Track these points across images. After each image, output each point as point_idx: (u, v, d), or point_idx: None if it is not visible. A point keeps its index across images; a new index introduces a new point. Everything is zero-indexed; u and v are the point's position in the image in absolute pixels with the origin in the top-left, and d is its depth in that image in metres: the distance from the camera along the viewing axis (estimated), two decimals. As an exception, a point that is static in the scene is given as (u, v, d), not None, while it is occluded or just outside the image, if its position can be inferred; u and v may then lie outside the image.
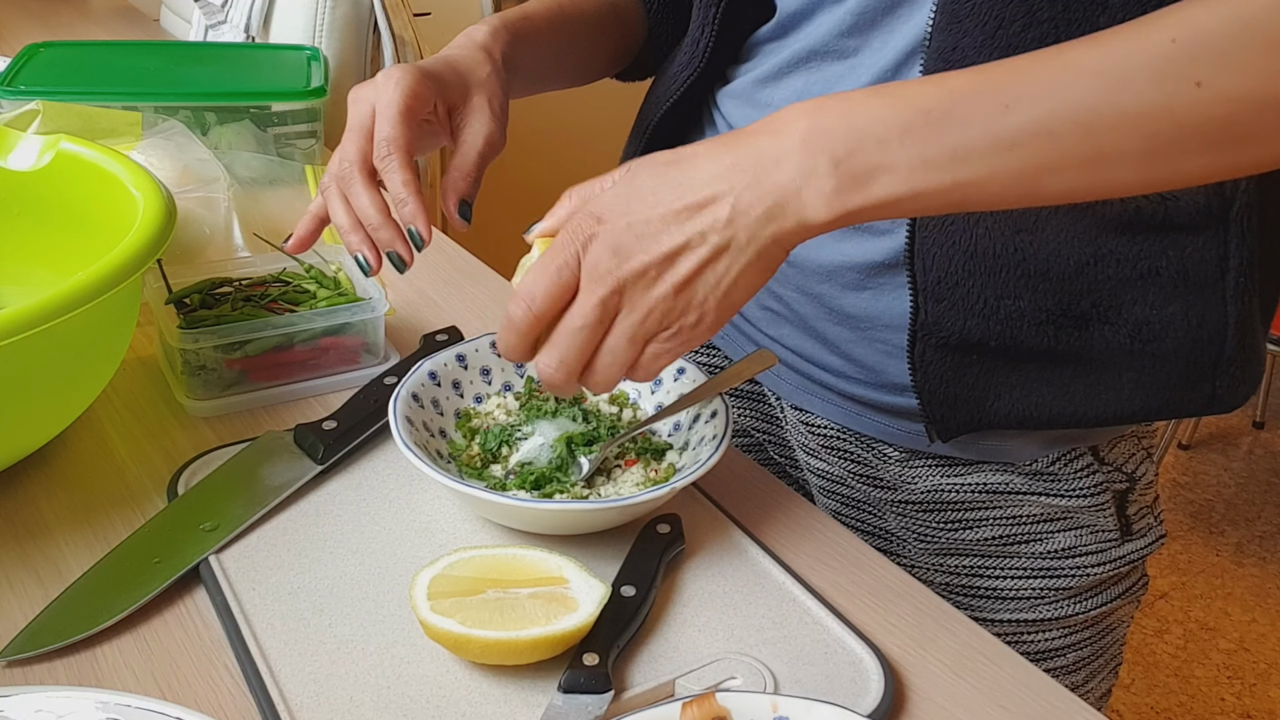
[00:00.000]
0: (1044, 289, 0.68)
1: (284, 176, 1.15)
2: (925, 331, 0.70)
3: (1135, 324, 0.68)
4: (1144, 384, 0.70)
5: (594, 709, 0.56)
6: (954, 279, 0.68)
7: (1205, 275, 0.67)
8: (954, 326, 0.70)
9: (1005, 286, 0.68)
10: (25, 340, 0.61)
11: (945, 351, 0.71)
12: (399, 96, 0.70)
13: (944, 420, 0.73)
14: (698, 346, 0.62)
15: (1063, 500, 0.76)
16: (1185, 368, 0.69)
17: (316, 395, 0.82)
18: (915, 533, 0.81)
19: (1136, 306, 0.68)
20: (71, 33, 1.63)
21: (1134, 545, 0.79)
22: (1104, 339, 0.69)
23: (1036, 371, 0.71)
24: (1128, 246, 0.67)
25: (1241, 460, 2.79)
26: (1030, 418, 0.71)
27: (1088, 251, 0.67)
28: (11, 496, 0.71)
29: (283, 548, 0.67)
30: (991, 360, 0.71)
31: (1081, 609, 0.79)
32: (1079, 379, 0.70)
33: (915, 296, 0.70)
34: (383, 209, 0.70)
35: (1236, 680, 2.12)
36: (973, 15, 0.63)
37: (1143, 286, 0.68)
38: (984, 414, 0.72)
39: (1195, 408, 0.70)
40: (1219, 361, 0.69)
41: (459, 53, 0.77)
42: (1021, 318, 0.69)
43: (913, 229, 0.69)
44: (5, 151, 0.84)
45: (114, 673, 0.59)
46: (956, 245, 0.68)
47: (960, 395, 0.72)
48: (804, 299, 0.77)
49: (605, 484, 0.72)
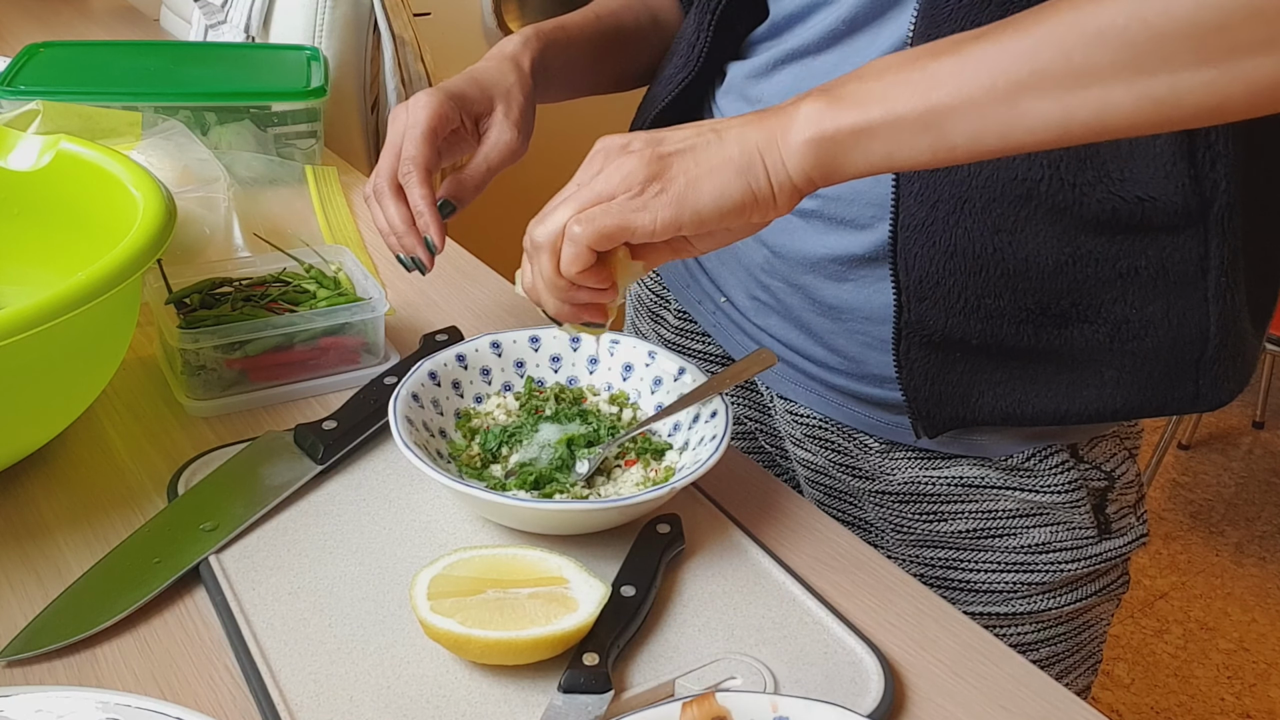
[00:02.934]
0: (1024, 288, 0.69)
1: (284, 176, 1.15)
2: (909, 329, 0.71)
3: (1115, 323, 0.69)
4: (1125, 382, 0.70)
5: (594, 709, 0.56)
6: (935, 278, 0.69)
7: (1185, 275, 0.67)
8: (937, 324, 0.70)
9: (986, 285, 0.69)
10: (25, 340, 0.61)
11: (929, 349, 0.72)
12: (423, 119, 0.77)
13: (930, 416, 0.73)
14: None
15: (1038, 496, 0.77)
16: (1167, 366, 0.69)
17: (316, 395, 0.82)
18: (893, 523, 0.82)
19: (1116, 305, 0.69)
20: (71, 33, 1.63)
21: (1113, 543, 0.79)
22: (1084, 337, 0.70)
23: (1019, 369, 0.71)
24: (1106, 246, 0.67)
25: (1241, 460, 2.79)
26: (1014, 414, 0.72)
27: (1066, 251, 0.68)
28: (11, 496, 0.71)
29: (283, 548, 0.67)
30: (974, 358, 0.71)
31: (1056, 604, 0.80)
32: (1060, 376, 0.71)
33: (899, 295, 0.71)
34: (406, 218, 0.78)
35: (1236, 680, 2.12)
36: (950, 20, 0.64)
37: (1122, 286, 0.68)
38: (969, 410, 0.73)
39: (1179, 406, 0.71)
40: (1201, 360, 0.69)
41: (486, 65, 0.84)
42: (1002, 316, 0.70)
43: (895, 228, 0.69)
44: (5, 151, 0.84)
45: (114, 673, 0.59)
46: (937, 245, 0.69)
47: (945, 392, 0.72)
48: (789, 290, 0.79)
49: (605, 484, 0.72)
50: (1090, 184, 0.66)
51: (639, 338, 0.83)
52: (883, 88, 0.55)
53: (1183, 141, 0.64)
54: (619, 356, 0.79)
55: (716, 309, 0.88)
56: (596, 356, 0.79)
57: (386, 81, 1.38)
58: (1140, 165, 0.65)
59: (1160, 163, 0.65)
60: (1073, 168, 0.65)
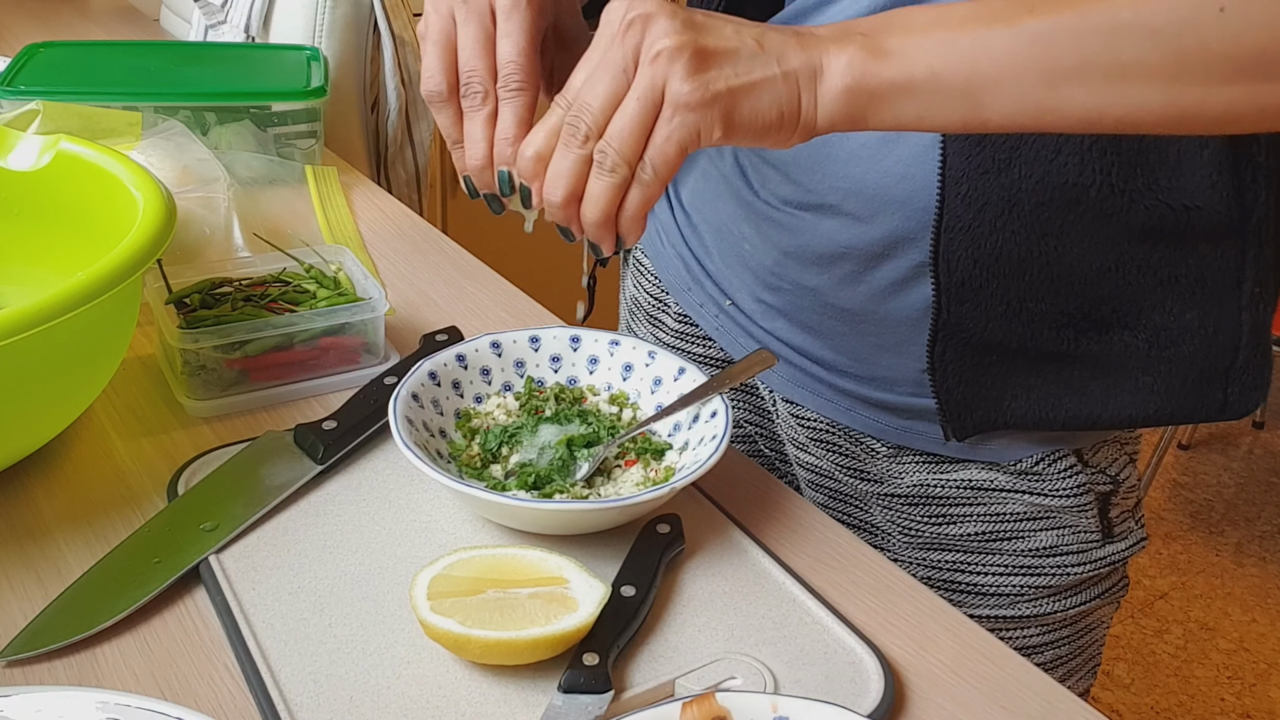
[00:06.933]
0: (1066, 293, 0.69)
1: (284, 176, 1.15)
2: (946, 331, 0.71)
3: (1153, 329, 0.69)
4: (1159, 389, 0.70)
5: (594, 709, 0.56)
6: (978, 280, 0.69)
7: (1222, 284, 0.68)
8: (976, 327, 0.70)
9: (1029, 289, 0.69)
10: (25, 340, 0.61)
11: (965, 351, 0.71)
12: (525, 15, 0.62)
13: (961, 419, 0.73)
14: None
15: (1046, 499, 0.77)
16: (1200, 374, 0.70)
17: (316, 395, 0.82)
18: (900, 526, 0.82)
19: (1155, 313, 0.69)
20: (71, 33, 1.63)
21: (1115, 547, 0.79)
22: (1122, 343, 0.70)
23: (1054, 373, 0.71)
24: (1149, 254, 0.68)
25: (1241, 460, 2.79)
26: (1046, 419, 0.72)
27: (1110, 257, 0.68)
28: (11, 496, 0.71)
29: (283, 548, 0.67)
30: (1011, 361, 0.71)
31: (1061, 607, 0.80)
32: (1096, 381, 0.71)
33: (939, 297, 0.70)
34: (491, 139, 0.63)
35: (1236, 680, 2.12)
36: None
37: (1162, 293, 0.68)
38: (1000, 414, 0.72)
39: (1208, 413, 0.71)
40: (1232, 369, 0.69)
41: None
42: (1043, 320, 0.69)
43: (939, 230, 0.69)
44: (5, 151, 0.84)
45: (114, 673, 0.59)
46: (983, 248, 0.68)
47: (978, 395, 0.72)
48: (800, 292, 0.78)
49: (605, 484, 0.72)
50: (1139, 191, 0.66)
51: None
52: (930, 46, 0.53)
53: (1228, 154, 0.65)
54: (619, 357, 0.79)
55: (720, 312, 0.88)
56: (596, 356, 0.79)
57: (386, 81, 1.38)
58: (1187, 175, 0.65)
59: (1206, 173, 0.65)
60: (1123, 174, 0.65)
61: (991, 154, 0.66)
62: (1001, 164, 0.66)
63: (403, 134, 1.43)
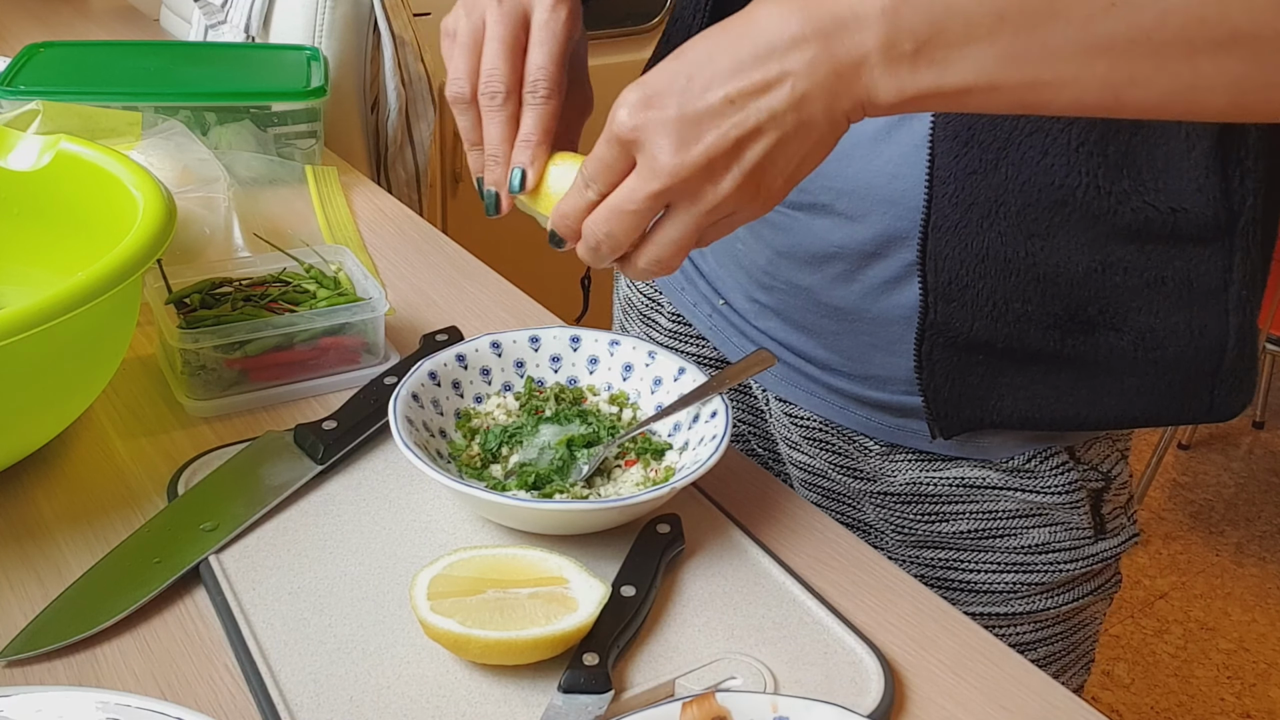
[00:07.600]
0: (1053, 293, 0.69)
1: (284, 176, 1.15)
2: (934, 331, 0.71)
3: (1140, 331, 0.69)
4: (1145, 390, 0.70)
5: (594, 709, 0.56)
6: (964, 280, 0.69)
7: (1209, 286, 0.68)
8: (962, 327, 0.70)
9: (1015, 290, 0.69)
10: (25, 340, 0.61)
11: (952, 350, 0.71)
12: (560, 31, 0.63)
13: (947, 418, 0.73)
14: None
15: (1038, 496, 0.77)
16: (1186, 376, 0.70)
17: (316, 395, 0.82)
18: (893, 524, 0.82)
19: (1142, 314, 0.69)
20: (71, 33, 1.63)
21: (1107, 544, 0.80)
22: (1109, 344, 0.70)
23: (1041, 374, 0.71)
24: (1136, 255, 0.67)
25: (1241, 460, 2.79)
26: (1032, 419, 0.72)
27: (1097, 259, 0.68)
28: (11, 496, 0.71)
29: (283, 548, 0.67)
30: (997, 361, 0.71)
31: (1054, 604, 0.80)
32: (1083, 383, 0.71)
33: (925, 297, 0.71)
34: (510, 140, 0.64)
35: (1236, 680, 2.12)
36: None
37: (1149, 295, 0.68)
38: (987, 413, 0.73)
39: (1194, 415, 0.71)
40: (1218, 371, 0.69)
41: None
42: (1029, 320, 0.69)
43: (926, 230, 0.69)
44: (5, 151, 0.84)
45: (114, 673, 0.59)
46: (969, 249, 0.68)
47: (965, 394, 0.72)
48: (793, 291, 0.78)
49: (605, 484, 0.72)
50: (1126, 193, 0.66)
51: (638, 338, 0.83)
52: (979, 52, 0.48)
53: (1215, 156, 0.65)
54: (619, 356, 0.79)
55: (714, 312, 0.88)
56: (596, 356, 0.79)
57: (386, 81, 1.38)
58: (1175, 177, 0.65)
59: (1194, 175, 0.65)
60: (1110, 176, 0.65)
61: (979, 155, 0.66)
62: (989, 165, 0.66)
63: (403, 134, 1.43)
